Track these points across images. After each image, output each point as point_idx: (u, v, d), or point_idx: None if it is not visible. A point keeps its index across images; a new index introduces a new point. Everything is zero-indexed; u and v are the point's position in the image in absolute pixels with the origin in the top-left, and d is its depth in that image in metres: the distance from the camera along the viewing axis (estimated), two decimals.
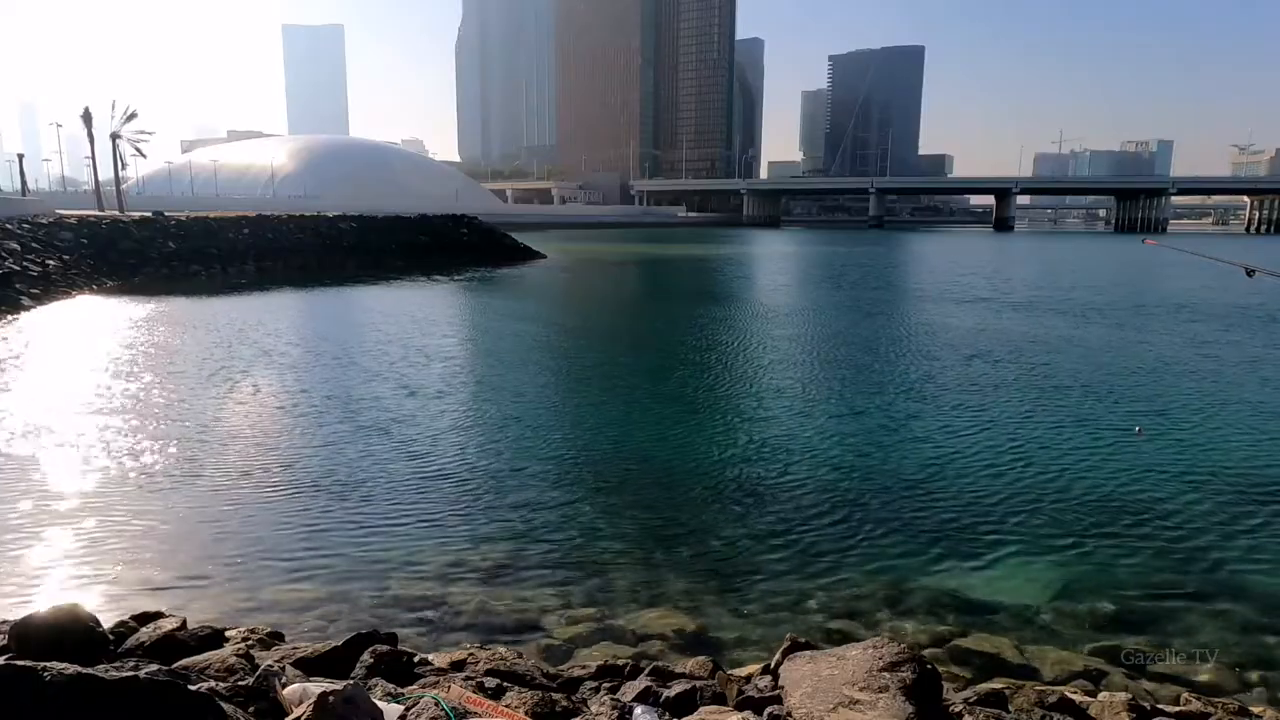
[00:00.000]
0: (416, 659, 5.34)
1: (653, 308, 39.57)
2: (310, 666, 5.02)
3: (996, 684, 5.65)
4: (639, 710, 4.48)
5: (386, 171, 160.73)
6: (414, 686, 4.67)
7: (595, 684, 5.24)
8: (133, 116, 72.76)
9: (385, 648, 5.21)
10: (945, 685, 5.01)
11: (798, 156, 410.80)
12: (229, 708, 3.77)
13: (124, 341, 23.49)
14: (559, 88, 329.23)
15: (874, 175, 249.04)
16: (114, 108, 71.82)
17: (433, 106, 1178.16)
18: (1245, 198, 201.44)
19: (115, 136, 72.50)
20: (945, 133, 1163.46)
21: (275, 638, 6.14)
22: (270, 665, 4.49)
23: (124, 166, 77.78)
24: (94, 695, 3.35)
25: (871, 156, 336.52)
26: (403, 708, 4.00)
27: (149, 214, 54.92)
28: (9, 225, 39.25)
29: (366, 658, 5.05)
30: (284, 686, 4.18)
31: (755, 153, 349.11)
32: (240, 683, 4.29)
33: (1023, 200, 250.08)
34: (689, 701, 4.73)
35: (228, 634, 5.88)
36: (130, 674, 3.56)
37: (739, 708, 4.52)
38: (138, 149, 75.48)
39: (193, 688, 3.70)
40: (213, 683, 4.19)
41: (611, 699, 4.70)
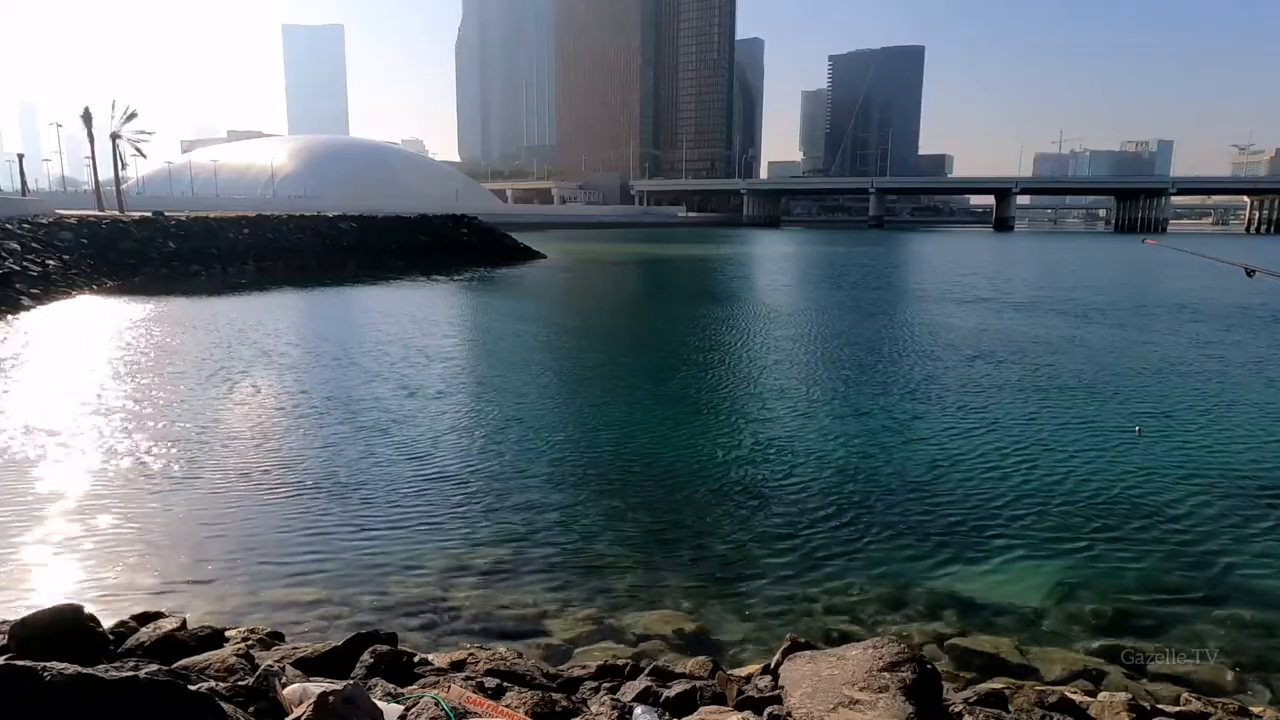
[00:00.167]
0: (416, 659, 5.34)
1: (653, 308, 39.57)
2: (310, 666, 5.02)
3: (996, 684, 5.66)
4: (639, 710, 4.47)
5: (386, 171, 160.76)
6: (414, 686, 4.67)
7: (595, 684, 5.24)
8: (133, 116, 72.80)
9: (385, 648, 5.21)
10: (945, 685, 5.02)
11: (798, 156, 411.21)
12: (229, 708, 3.77)
13: (124, 342, 23.49)
14: (559, 88, 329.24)
15: (874, 175, 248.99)
16: (114, 108, 71.93)
17: (433, 106, 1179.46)
18: (1245, 198, 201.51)
19: (115, 136, 72.50)
20: (945, 133, 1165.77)
21: (275, 638, 6.14)
22: (270, 665, 4.49)
23: (124, 166, 77.84)
24: (94, 695, 3.35)
25: (871, 156, 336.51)
26: (403, 708, 4.00)
27: (149, 214, 54.92)
28: (9, 225, 39.26)
29: (366, 658, 5.05)
30: (284, 686, 4.18)
31: (755, 153, 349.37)
32: (240, 683, 4.29)
33: (1023, 200, 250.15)
34: (689, 701, 4.73)
35: (228, 634, 5.89)
36: (130, 674, 3.56)
37: (739, 708, 4.52)
38: (138, 149, 75.57)
39: (193, 688, 3.70)
40: (213, 683, 4.19)
41: (611, 699, 4.70)
